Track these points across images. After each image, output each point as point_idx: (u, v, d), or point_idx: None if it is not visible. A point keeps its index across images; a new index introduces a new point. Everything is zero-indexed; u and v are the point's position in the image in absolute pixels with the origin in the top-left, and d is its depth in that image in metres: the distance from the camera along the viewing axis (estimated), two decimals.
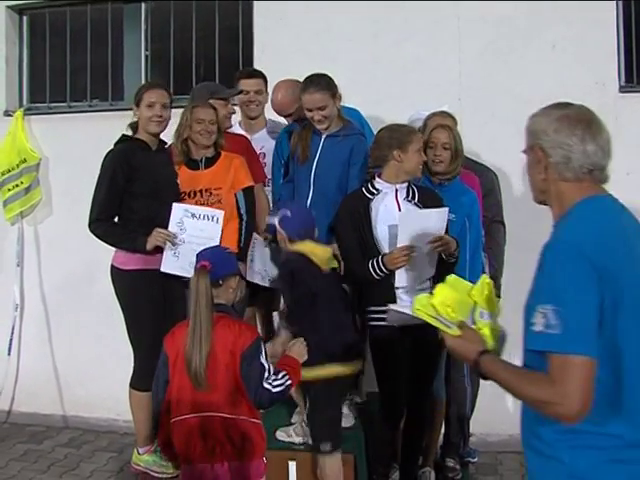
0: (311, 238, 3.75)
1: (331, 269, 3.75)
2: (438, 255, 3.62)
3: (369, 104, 4.72)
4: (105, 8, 6.04)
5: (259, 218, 4.29)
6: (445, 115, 4.15)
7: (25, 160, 5.88)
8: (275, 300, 4.66)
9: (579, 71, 5.04)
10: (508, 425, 5.03)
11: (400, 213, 3.66)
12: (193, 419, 3.02)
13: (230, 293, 3.17)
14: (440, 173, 4.02)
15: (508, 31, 5.15)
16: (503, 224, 4.51)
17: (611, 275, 1.83)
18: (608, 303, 1.82)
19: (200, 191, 4.13)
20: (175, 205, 3.97)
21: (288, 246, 3.77)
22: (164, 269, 3.94)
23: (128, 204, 4.02)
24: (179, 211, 3.96)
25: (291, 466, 3.68)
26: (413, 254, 3.54)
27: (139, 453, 4.12)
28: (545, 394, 1.82)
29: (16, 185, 5.88)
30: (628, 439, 1.87)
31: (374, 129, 4.22)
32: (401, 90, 5.12)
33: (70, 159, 5.75)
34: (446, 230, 3.66)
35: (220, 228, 3.93)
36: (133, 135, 4.12)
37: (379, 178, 3.79)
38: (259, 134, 4.72)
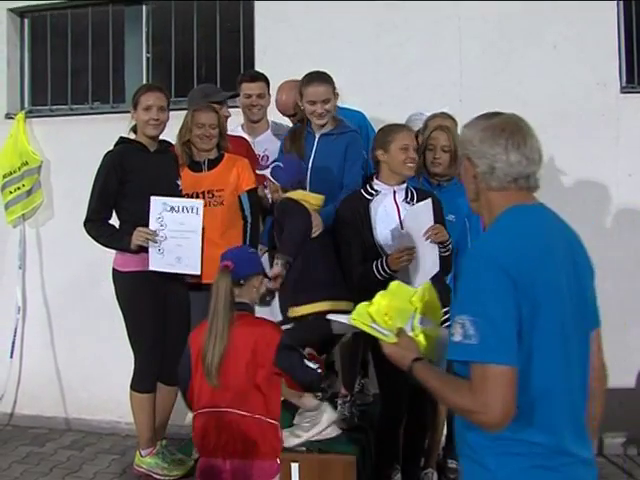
0: (302, 188, 3.89)
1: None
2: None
3: (370, 105, 4.72)
4: (106, 10, 6.05)
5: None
6: (445, 116, 4.15)
7: (27, 163, 5.89)
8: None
9: (580, 72, 5.04)
10: None
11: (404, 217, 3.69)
12: (210, 413, 3.08)
13: (253, 292, 3.21)
14: (439, 174, 4.02)
15: (509, 32, 5.15)
16: None
17: (527, 284, 1.83)
18: (526, 313, 1.83)
19: (202, 193, 4.12)
20: (153, 199, 3.92)
21: (281, 194, 3.89)
22: (152, 267, 3.92)
23: (124, 205, 4.03)
24: (158, 205, 3.92)
25: (294, 468, 3.67)
26: (413, 254, 3.54)
27: (141, 455, 4.12)
28: (468, 403, 1.84)
29: (18, 188, 5.89)
30: (548, 446, 1.88)
31: (376, 130, 4.23)
32: (402, 91, 5.12)
33: (72, 161, 5.75)
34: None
35: (201, 219, 3.90)
36: (133, 138, 4.13)
37: (376, 179, 3.80)
38: (262, 137, 4.71)
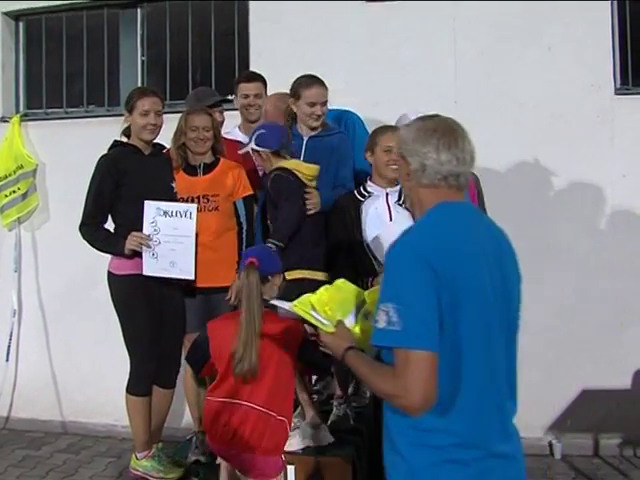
0: (287, 149, 3.94)
1: None
2: None
3: (366, 106, 4.73)
4: (101, 14, 6.05)
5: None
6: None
7: (22, 166, 5.89)
8: None
9: (575, 73, 5.05)
10: None
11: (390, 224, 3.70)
12: (225, 404, 3.12)
13: (274, 290, 3.26)
14: None
15: (504, 33, 5.16)
16: None
17: (449, 276, 1.92)
18: (446, 302, 1.90)
19: (198, 197, 4.11)
20: (147, 203, 3.90)
21: (273, 163, 3.91)
22: (146, 272, 3.91)
23: (118, 208, 4.01)
24: (151, 209, 3.90)
25: (290, 470, 3.66)
26: None
27: (137, 458, 4.11)
28: (391, 387, 1.92)
29: (13, 191, 5.89)
30: (464, 439, 1.95)
31: (370, 130, 4.24)
32: (398, 92, 5.13)
33: (67, 165, 5.75)
34: None
35: (194, 223, 3.89)
36: (126, 141, 4.12)
37: (369, 181, 3.83)
38: None
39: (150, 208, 3.91)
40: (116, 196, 3.99)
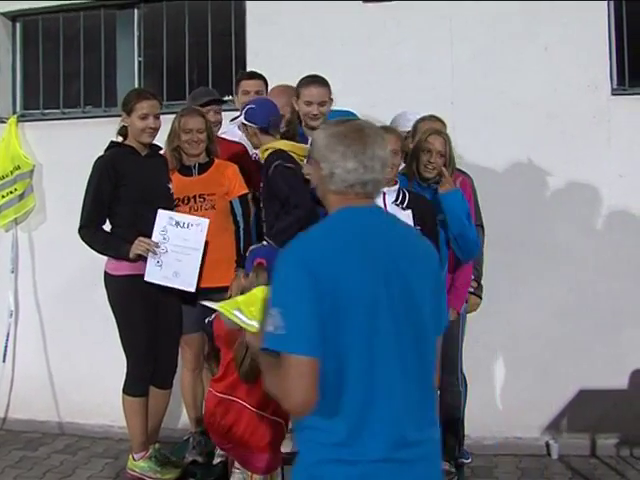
0: (277, 127, 3.94)
1: None
2: None
3: (363, 107, 4.71)
4: (98, 14, 6.04)
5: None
6: (435, 119, 4.17)
7: (19, 167, 5.87)
8: None
9: (571, 74, 5.05)
10: (503, 428, 5.05)
11: None
12: (222, 399, 3.13)
13: None
14: (430, 178, 4.02)
15: (500, 34, 5.16)
16: (482, 227, 4.51)
17: (330, 283, 1.93)
18: (328, 309, 1.92)
19: (194, 197, 4.12)
20: (160, 212, 3.94)
21: (261, 140, 3.90)
22: (147, 278, 3.92)
23: (116, 210, 4.01)
24: (163, 219, 3.94)
25: (287, 469, 3.67)
26: None
27: (134, 459, 4.12)
28: (276, 389, 2.01)
29: (10, 192, 5.87)
30: (348, 440, 1.96)
31: None
32: (395, 93, 5.12)
33: (64, 165, 5.74)
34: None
35: (204, 237, 3.92)
36: (123, 141, 4.12)
37: None
38: None
39: (163, 217, 3.94)
40: (114, 197, 3.98)
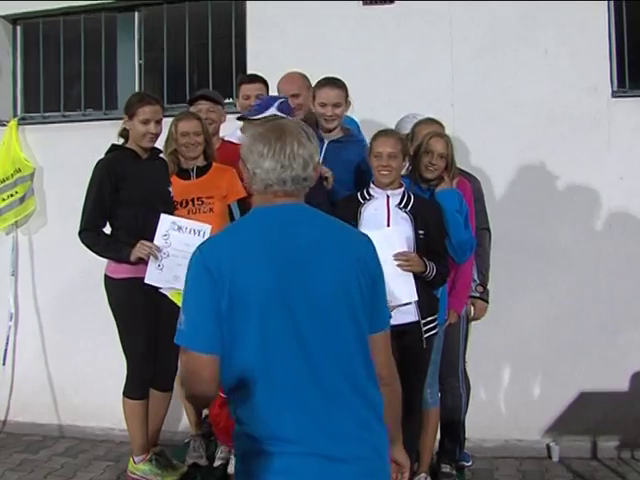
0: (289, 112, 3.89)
1: None
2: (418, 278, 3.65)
3: (362, 110, 4.73)
4: (98, 17, 6.05)
5: None
6: (433, 122, 4.18)
7: (19, 170, 5.89)
8: None
9: (572, 76, 5.06)
10: (504, 431, 5.06)
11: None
12: (225, 400, 3.17)
13: None
14: (430, 179, 4.02)
15: (500, 36, 5.17)
16: (489, 231, 4.51)
17: (226, 282, 2.00)
18: (225, 307, 1.99)
19: (192, 200, 4.12)
20: (163, 216, 3.95)
21: None
22: (147, 281, 3.92)
23: (117, 213, 4.01)
24: (166, 223, 3.94)
25: None
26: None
27: (135, 462, 4.10)
28: (181, 383, 2.19)
29: (10, 195, 5.88)
30: (266, 432, 2.00)
31: (367, 136, 4.24)
32: (394, 96, 5.13)
33: (64, 168, 5.75)
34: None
35: None
36: (124, 144, 4.12)
37: (372, 184, 3.82)
38: None
39: (165, 221, 3.95)
40: (114, 200, 3.99)
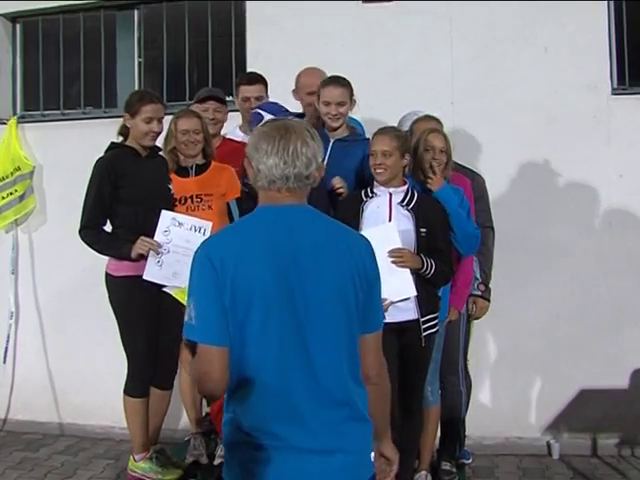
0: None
1: None
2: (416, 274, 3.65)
3: (362, 108, 4.69)
4: (98, 15, 6.04)
5: None
6: (430, 119, 4.18)
7: (19, 168, 5.88)
8: None
9: (571, 74, 5.06)
10: (504, 428, 5.06)
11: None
12: None
13: None
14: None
15: (500, 34, 5.17)
16: (492, 229, 4.51)
17: (228, 277, 2.06)
18: (228, 300, 2.06)
19: (191, 197, 4.12)
20: (164, 213, 3.96)
21: None
22: (146, 277, 3.91)
23: (117, 211, 4.01)
24: (167, 219, 3.95)
25: None
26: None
27: (135, 460, 4.11)
28: (191, 372, 2.30)
29: (10, 193, 5.88)
30: (253, 423, 2.09)
31: (368, 133, 4.25)
32: (394, 94, 5.13)
33: (64, 167, 5.75)
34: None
35: None
36: (123, 141, 4.12)
37: (376, 182, 3.82)
38: None
39: (166, 217, 3.95)
40: (114, 198, 3.99)
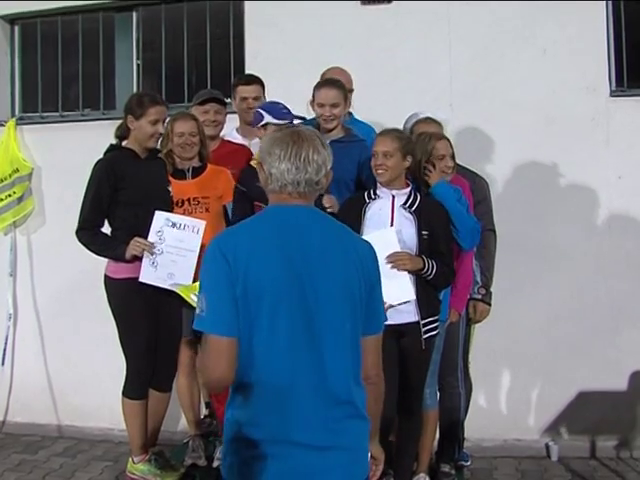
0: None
1: None
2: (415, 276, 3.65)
3: (361, 110, 4.72)
4: (96, 17, 6.04)
5: None
6: (430, 121, 4.18)
7: (17, 170, 5.88)
8: None
9: (570, 75, 5.06)
10: (503, 430, 5.05)
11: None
12: None
13: None
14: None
15: (499, 36, 5.16)
16: (494, 232, 4.50)
17: (240, 272, 2.13)
18: (240, 292, 2.12)
19: (188, 200, 4.13)
20: (157, 213, 3.95)
21: None
22: (142, 279, 3.92)
23: (117, 213, 4.01)
24: (160, 219, 3.94)
25: None
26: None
27: (134, 462, 4.11)
28: (199, 363, 2.46)
29: (9, 195, 5.87)
30: (255, 419, 2.15)
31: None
32: (393, 96, 5.13)
33: (62, 168, 5.74)
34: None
35: (200, 239, 3.90)
36: (120, 143, 4.12)
37: (379, 183, 3.82)
38: (258, 139, 4.70)
39: (159, 218, 3.95)
40: (113, 200, 3.99)
